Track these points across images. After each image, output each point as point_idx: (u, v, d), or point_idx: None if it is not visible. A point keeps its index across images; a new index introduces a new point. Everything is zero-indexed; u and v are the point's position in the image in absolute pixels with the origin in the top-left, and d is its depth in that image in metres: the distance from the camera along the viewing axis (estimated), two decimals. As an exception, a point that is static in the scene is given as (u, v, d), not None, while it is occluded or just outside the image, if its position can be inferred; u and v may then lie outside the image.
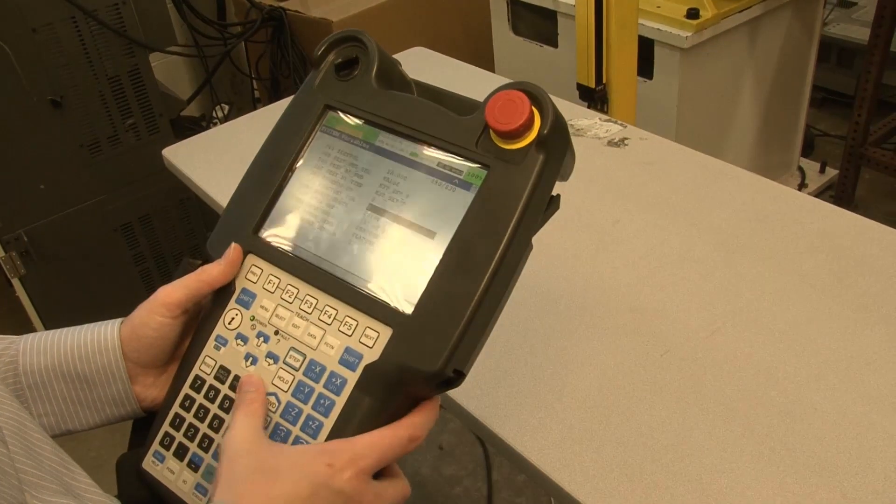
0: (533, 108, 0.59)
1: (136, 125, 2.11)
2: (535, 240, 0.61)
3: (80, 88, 1.98)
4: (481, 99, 0.62)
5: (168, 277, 2.21)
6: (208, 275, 0.65)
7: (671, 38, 2.09)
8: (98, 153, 2.08)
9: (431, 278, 0.58)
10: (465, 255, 0.58)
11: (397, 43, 1.84)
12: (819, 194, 2.85)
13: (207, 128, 2.46)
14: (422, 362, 0.56)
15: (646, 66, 2.17)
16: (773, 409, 0.86)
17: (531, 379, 0.93)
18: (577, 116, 1.46)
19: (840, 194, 2.75)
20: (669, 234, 1.14)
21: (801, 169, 2.89)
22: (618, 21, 1.75)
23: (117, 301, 2.28)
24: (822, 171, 2.93)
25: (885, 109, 2.93)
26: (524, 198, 0.58)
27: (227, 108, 2.58)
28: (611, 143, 1.37)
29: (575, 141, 1.39)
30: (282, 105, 1.75)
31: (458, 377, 0.57)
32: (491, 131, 0.60)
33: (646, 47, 2.12)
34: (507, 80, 0.62)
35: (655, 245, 1.13)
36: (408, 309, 0.58)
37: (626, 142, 1.37)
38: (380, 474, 0.59)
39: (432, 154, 0.63)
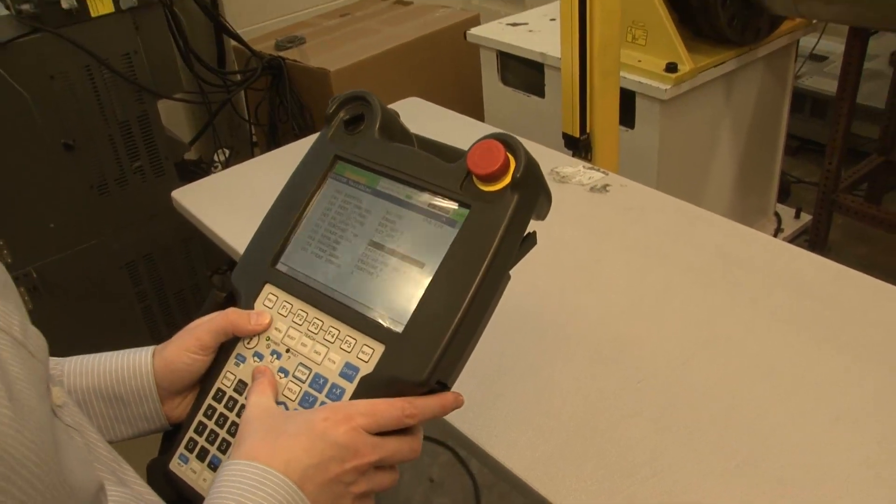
0: (508, 154, 0.69)
1: (142, 168, 2.21)
2: (525, 276, 0.70)
3: (92, 132, 2.08)
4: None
5: (169, 315, 2.28)
6: (238, 327, 0.74)
7: (651, 90, 2.21)
8: (106, 194, 2.17)
9: (420, 303, 0.68)
10: (448, 283, 0.68)
11: (392, 92, 1.95)
12: (794, 239, 2.97)
13: (209, 171, 2.57)
14: (409, 374, 0.65)
15: (628, 117, 2.28)
16: (740, 430, 0.95)
17: (520, 402, 1.02)
18: (562, 164, 1.57)
19: (814, 239, 2.87)
20: (647, 272, 1.25)
21: (777, 214, 3.01)
22: (601, 74, 1.86)
23: (120, 336, 2.35)
24: (798, 216, 3.05)
25: (856, 157, 3.07)
26: (500, 233, 0.67)
27: (227, 151, 2.68)
28: (593, 190, 1.47)
29: (559, 187, 1.50)
30: (283, 151, 1.87)
31: (441, 388, 0.67)
32: (472, 176, 0.70)
33: (627, 99, 2.23)
34: (494, 129, 0.73)
35: (634, 282, 1.23)
36: (399, 329, 0.68)
37: (607, 188, 1.47)
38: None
39: (424, 196, 0.73)
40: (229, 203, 1.61)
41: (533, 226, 0.72)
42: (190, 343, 0.73)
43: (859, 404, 0.97)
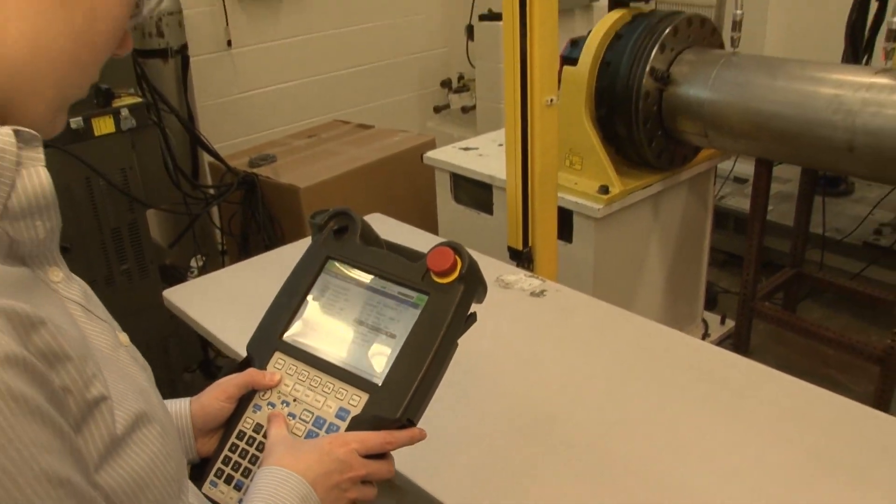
0: (456, 256, 0.95)
1: (129, 270, 2.43)
2: (473, 364, 0.95)
3: (86, 237, 2.30)
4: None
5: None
6: (257, 382, 0.98)
7: (586, 209, 2.52)
8: (95, 292, 2.37)
9: (393, 363, 0.93)
10: (413, 349, 0.93)
11: (356, 208, 2.18)
12: (720, 342, 3.26)
13: (185, 275, 2.79)
14: (387, 413, 0.90)
15: (566, 232, 2.58)
16: (649, 484, 1.19)
17: (468, 465, 1.25)
18: (507, 273, 1.84)
19: (736, 342, 3.17)
20: (576, 361, 1.50)
21: (704, 321, 3.31)
22: (541, 196, 2.15)
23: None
24: (723, 322, 3.36)
25: (775, 269, 3.42)
26: (451, 314, 0.93)
27: (202, 258, 2.90)
28: (533, 294, 1.74)
29: (504, 292, 1.77)
30: (260, 259, 2.13)
31: (410, 424, 0.91)
32: (430, 272, 0.96)
33: (566, 216, 2.53)
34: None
35: (565, 369, 1.48)
36: (379, 382, 0.93)
37: (544, 293, 1.74)
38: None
39: (394, 286, 0.99)
40: (216, 302, 1.83)
41: (475, 307, 0.97)
42: (219, 394, 0.96)
43: (752, 467, 1.22)
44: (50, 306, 0.63)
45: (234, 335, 1.62)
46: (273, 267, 1.85)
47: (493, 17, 3.82)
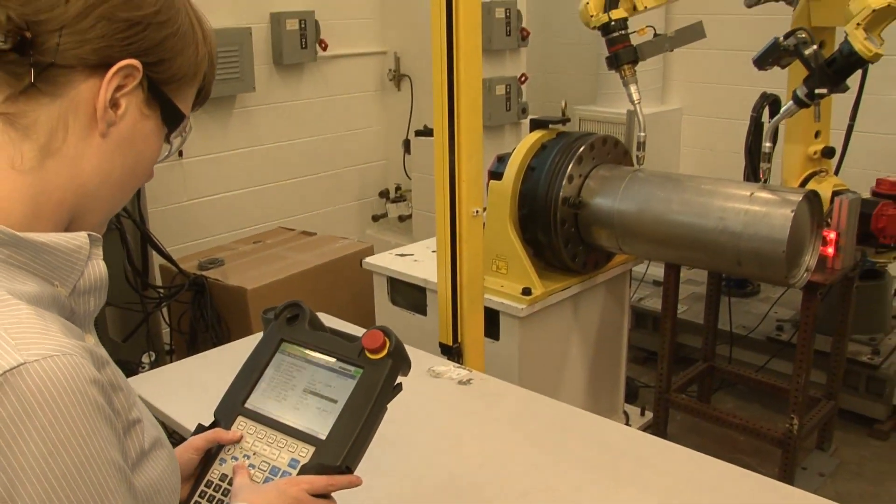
0: (385, 338, 1.17)
1: (86, 368, 2.57)
2: (408, 441, 1.15)
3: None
4: None
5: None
6: (222, 439, 1.17)
7: (511, 309, 2.76)
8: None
9: (335, 422, 1.13)
10: (351, 412, 1.13)
11: (303, 308, 2.41)
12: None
13: (136, 370, 2.93)
14: (330, 461, 1.10)
15: (494, 330, 2.81)
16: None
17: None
18: (438, 365, 2.06)
19: (654, 431, 3.41)
20: (499, 438, 1.73)
21: (625, 412, 3.55)
22: (469, 296, 2.38)
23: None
24: (643, 413, 3.60)
25: (688, 364, 3.70)
26: (381, 383, 1.14)
27: (153, 354, 3.05)
28: (460, 383, 1.97)
29: (435, 381, 2.00)
30: (215, 352, 2.30)
31: (348, 471, 1.11)
32: (364, 350, 1.17)
33: (493, 316, 2.77)
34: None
35: (490, 446, 1.70)
36: (323, 437, 1.13)
37: (471, 381, 1.97)
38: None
39: (335, 362, 1.20)
40: (172, 390, 2.01)
41: (401, 379, 1.18)
42: (189, 449, 1.15)
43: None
44: None
45: (191, 418, 1.79)
46: (223, 360, 2.03)
47: (428, 132, 4.15)
